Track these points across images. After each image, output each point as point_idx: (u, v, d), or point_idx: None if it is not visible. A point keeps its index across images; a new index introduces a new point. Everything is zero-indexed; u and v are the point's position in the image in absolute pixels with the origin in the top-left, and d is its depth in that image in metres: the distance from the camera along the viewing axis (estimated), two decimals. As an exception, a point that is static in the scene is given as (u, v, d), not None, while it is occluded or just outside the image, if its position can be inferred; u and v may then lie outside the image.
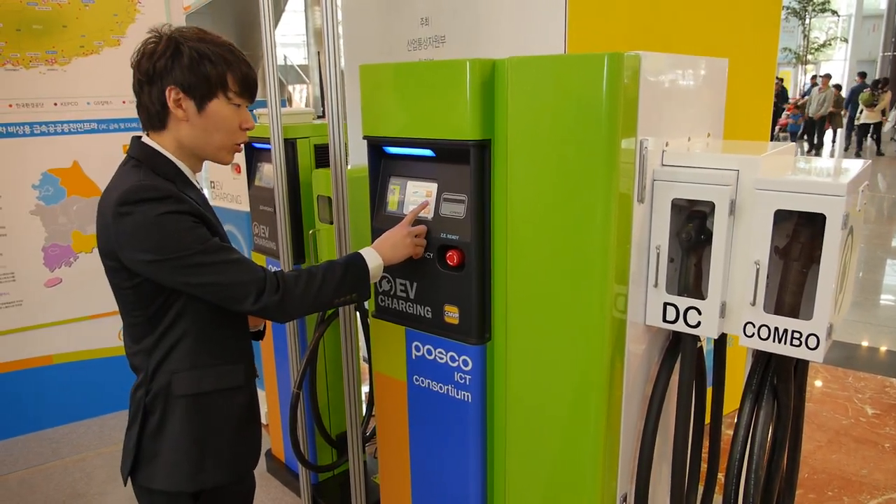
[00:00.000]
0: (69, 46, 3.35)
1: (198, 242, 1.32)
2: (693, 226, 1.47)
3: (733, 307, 1.45)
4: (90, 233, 3.52)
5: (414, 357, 1.75)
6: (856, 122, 14.94)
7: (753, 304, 1.37)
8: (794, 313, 1.39)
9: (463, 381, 1.65)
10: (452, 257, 1.60)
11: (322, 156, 2.59)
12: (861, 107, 14.45)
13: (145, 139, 1.41)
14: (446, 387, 1.69)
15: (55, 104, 3.36)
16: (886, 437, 3.29)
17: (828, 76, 15.03)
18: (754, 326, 1.40)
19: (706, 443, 1.76)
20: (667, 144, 1.50)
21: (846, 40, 28.09)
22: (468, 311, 1.61)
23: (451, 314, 1.64)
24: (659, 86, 1.44)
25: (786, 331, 1.37)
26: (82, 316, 3.56)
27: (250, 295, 1.36)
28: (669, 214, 1.46)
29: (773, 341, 1.38)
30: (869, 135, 14.73)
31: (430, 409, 1.74)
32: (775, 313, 1.39)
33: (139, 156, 1.39)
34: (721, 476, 2.43)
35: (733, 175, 1.40)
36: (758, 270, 1.36)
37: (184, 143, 1.40)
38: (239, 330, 1.52)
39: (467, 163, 1.54)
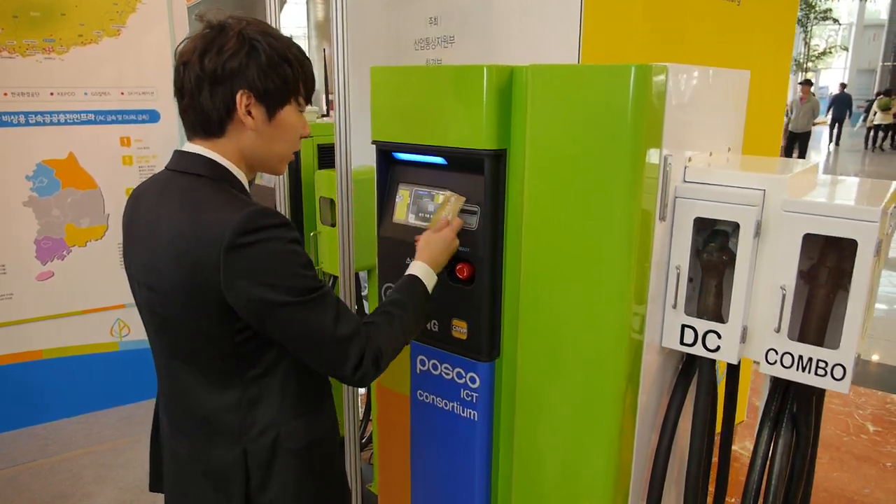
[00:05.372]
0: (67, 35, 3.27)
1: (317, 280, 1.15)
2: (715, 246, 1.42)
3: (755, 332, 1.40)
4: (84, 226, 3.44)
5: (419, 371, 1.69)
6: (868, 124, 17.30)
7: (778, 330, 1.32)
8: (818, 341, 1.34)
9: (470, 398, 1.59)
10: (462, 270, 1.54)
11: (325, 156, 2.53)
12: (875, 109, 16.68)
13: (197, 149, 1.20)
14: (452, 403, 1.63)
15: (52, 94, 3.28)
16: (888, 455, 3.25)
17: (808, 83, 13.73)
18: (777, 353, 1.34)
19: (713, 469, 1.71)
20: (689, 159, 1.44)
21: (846, 49, 28.12)
22: (477, 327, 1.55)
23: (460, 329, 1.58)
24: (684, 98, 1.38)
25: (810, 359, 1.31)
26: (74, 311, 3.48)
27: (350, 358, 1.17)
28: (691, 233, 1.40)
29: (797, 370, 1.33)
30: (882, 134, 17.06)
31: (433, 426, 1.68)
32: (799, 340, 1.34)
33: (208, 173, 1.18)
34: (730, 500, 2.38)
35: (759, 195, 1.34)
36: (784, 296, 1.30)
37: (245, 154, 1.21)
38: None
39: (481, 173, 1.48)
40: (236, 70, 1.14)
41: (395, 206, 1.68)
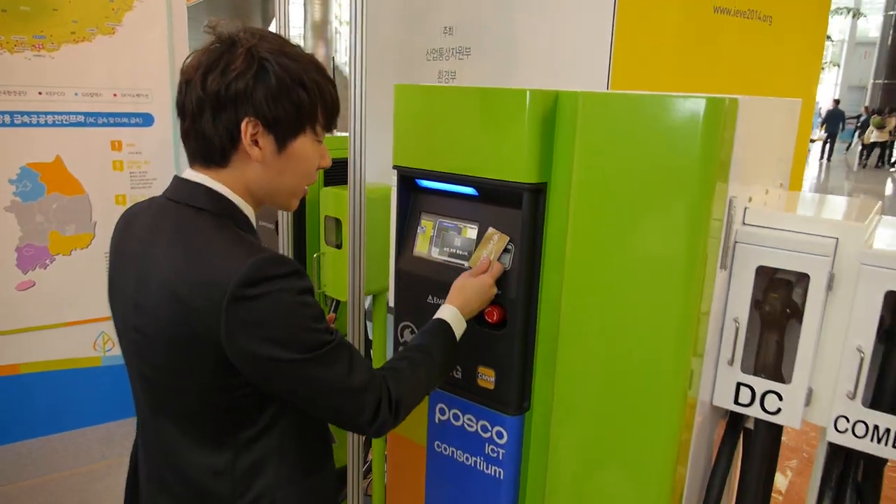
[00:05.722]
0: (59, 32, 3.08)
1: (328, 333, 1.02)
2: (777, 297, 1.28)
3: (821, 395, 1.26)
4: (69, 234, 3.25)
5: (437, 421, 1.53)
6: (864, 141, 17.55)
7: (853, 396, 1.18)
8: (894, 408, 1.20)
9: (495, 454, 1.43)
10: (492, 314, 1.39)
11: (332, 172, 2.36)
12: (871, 128, 17.11)
13: (199, 178, 1.06)
14: (474, 458, 1.47)
15: (40, 93, 3.09)
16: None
17: None
18: (848, 422, 1.20)
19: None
20: (750, 199, 1.30)
21: (838, 65, 28.32)
22: (507, 376, 1.40)
23: (486, 377, 1.43)
24: (748, 133, 1.24)
25: (888, 430, 1.17)
26: (56, 323, 3.28)
27: (366, 409, 1.06)
28: (752, 283, 1.25)
29: (872, 440, 1.19)
30: (879, 151, 17.46)
31: (452, 482, 1.52)
32: (872, 407, 1.20)
33: (210, 206, 1.04)
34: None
35: (831, 243, 1.20)
36: (861, 359, 1.16)
37: (251, 187, 1.07)
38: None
39: (517, 207, 1.33)
40: (242, 93, 1.00)
41: (416, 238, 1.53)
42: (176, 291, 0.99)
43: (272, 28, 2.09)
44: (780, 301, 1.27)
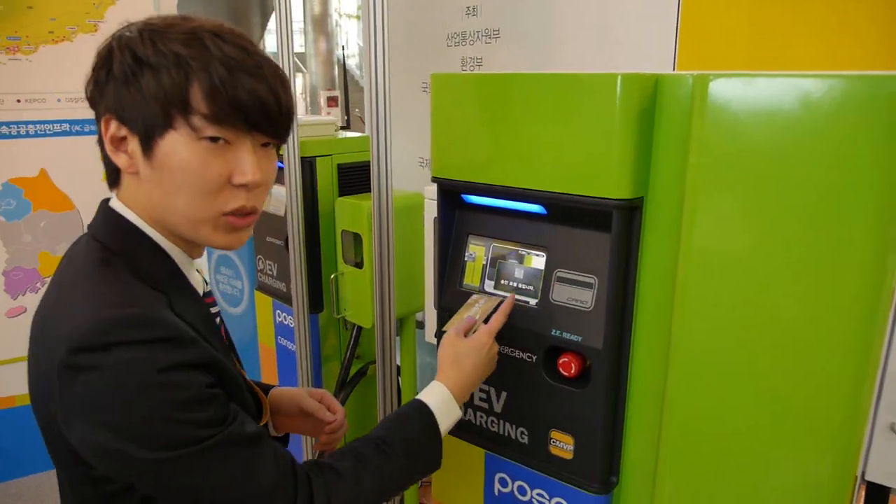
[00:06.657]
0: (35, 32, 2.78)
1: (209, 426, 0.75)
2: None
3: None
4: (60, 253, 2.98)
5: (497, 493, 1.23)
6: None
7: None
8: None
9: (577, 543, 1.13)
10: (569, 365, 1.08)
11: (348, 179, 2.06)
12: None
13: (113, 202, 0.85)
14: (549, 546, 1.16)
15: (18, 101, 2.80)
16: None
17: None
18: None
19: None
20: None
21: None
22: (590, 444, 1.09)
23: (562, 445, 1.12)
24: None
25: None
26: (50, 351, 3.02)
27: None
28: (927, 323, 0.93)
29: None
30: None
31: (520, 573, 1.22)
32: None
33: (109, 241, 0.82)
34: None
35: None
36: None
37: (150, 214, 0.82)
38: None
39: (602, 229, 1.02)
40: (96, 88, 0.82)
41: (463, 266, 1.21)
42: (36, 347, 0.81)
43: (277, 31, 1.80)
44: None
